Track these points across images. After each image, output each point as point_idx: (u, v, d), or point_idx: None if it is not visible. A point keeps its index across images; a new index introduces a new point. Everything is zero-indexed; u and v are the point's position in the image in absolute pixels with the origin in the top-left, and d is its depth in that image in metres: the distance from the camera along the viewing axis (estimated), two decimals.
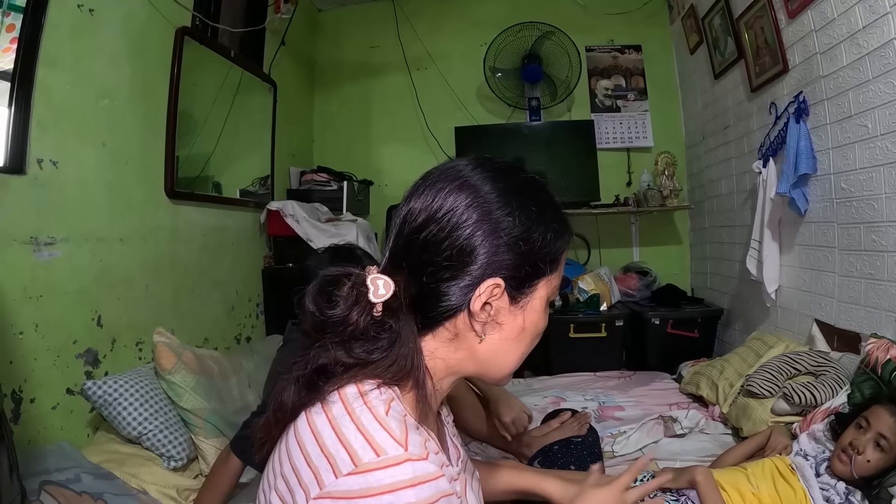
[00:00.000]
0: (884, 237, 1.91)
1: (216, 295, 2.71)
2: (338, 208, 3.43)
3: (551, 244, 0.77)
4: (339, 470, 0.63)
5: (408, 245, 0.75)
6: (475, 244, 0.72)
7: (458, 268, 0.73)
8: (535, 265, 0.76)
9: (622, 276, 3.65)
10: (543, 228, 0.76)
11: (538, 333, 0.82)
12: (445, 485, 0.65)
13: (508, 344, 0.78)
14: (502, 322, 0.76)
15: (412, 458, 0.64)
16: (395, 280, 0.73)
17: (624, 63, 3.99)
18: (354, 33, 4.16)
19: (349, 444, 0.65)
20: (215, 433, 1.85)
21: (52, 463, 1.47)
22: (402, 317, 0.74)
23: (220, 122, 2.83)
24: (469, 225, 0.72)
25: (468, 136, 3.71)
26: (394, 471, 0.62)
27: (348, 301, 0.72)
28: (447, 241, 0.73)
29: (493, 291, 0.73)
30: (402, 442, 0.65)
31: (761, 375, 2.06)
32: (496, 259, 0.73)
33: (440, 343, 0.78)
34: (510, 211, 0.74)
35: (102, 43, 1.98)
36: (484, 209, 0.73)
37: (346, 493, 0.62)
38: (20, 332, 1.62)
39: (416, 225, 0.75)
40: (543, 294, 0.79)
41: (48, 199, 1.74)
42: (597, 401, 2.50)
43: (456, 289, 0.73)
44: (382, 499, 0.61)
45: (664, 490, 1.51)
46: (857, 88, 1.99)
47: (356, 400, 0.70)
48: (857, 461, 1.41)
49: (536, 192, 0.79)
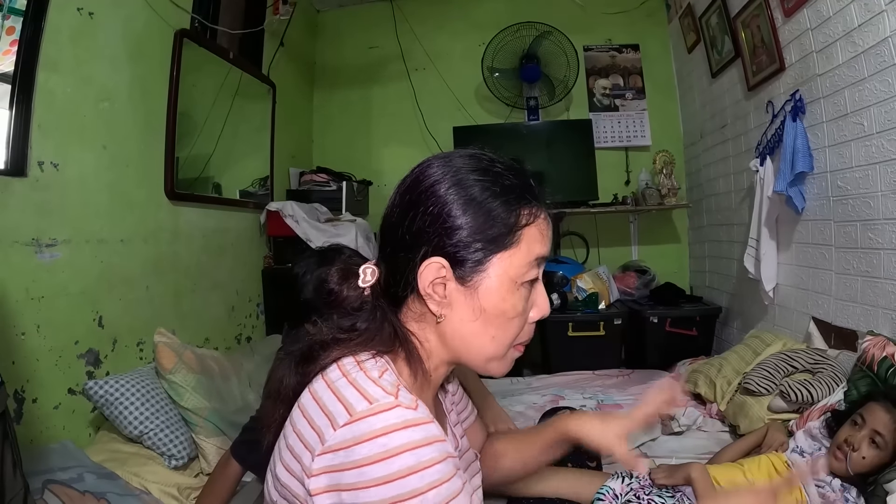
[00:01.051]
0: (880, 235, 1.92)
1: (216, 295, 2.73)
2: (337, 209, 3.44)
3: (501, 219, 0.76)
4: (336, 423, 0.67)
5: (383, 234, 0.83)
6: (423, 225, 0.76)
7: (408, 248, 0.78)
8: (483, 243, 0.76)
9: (621, 274, 3.66)
10: (490, 203, 0.76)
11: (510, 316, 0.79)
12: (436, 430, 0.68)
13: (471, 326, 0.79)
14: (453, 302, 0.78)
15: (402, 404, 0.68)
16: (379, 267, 0.84)
17: (622, 62, 3.99)
18: (353, 34, 4.17)
19: (344, 398, 0.69)
20: (216, 432, 1.86)
21: (55, 462, 1.49)
22: (378, 293, 0.84)
23: (219, 124, 2.84)
24: (417, 207, 0.77)
25: (467, 136, 3.71)
26: (385, 415, 0.66)
27: (338, 282, 0.86)
28: (400, 223, 0.78)
29: (439, 272, 0.76)
30: (394, 394, 0.69)
31: (759, 373, 2.07)
32: (440, 239, 0.76)
33: (412, 322, 0.82)
34: (450, 190, 0.76)
35: (102, 46, 1.99)
36: (430, 191, 0.77)
37: (343, 443, 0.66)
38: (22, 332, 1.63)
39: (385, 212, 0.83)
40: (501, 272, 0.77)
41: (49, 201, 1.75)
42: (595, 399, 2.51)
43: (408, 268, 0.78)
44: (377, 441, 0.64)
45: (660, 487, 1.52)
46: (853, 87, 2.00)
47: (352, 366, 0.75)
48: (852, 458, 1.41)
49: (484, 168, 0.79)
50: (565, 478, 1.49)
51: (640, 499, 1.49)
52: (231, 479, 1.54)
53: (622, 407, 2.41)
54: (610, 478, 1.56)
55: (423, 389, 0.85)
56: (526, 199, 0.79)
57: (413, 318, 0.82)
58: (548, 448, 1.17)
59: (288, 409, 0.79)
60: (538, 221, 0.80)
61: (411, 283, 0.78)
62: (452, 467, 0.67)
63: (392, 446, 0.64)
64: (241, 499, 1.72)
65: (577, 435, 1.07)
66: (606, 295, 3.34)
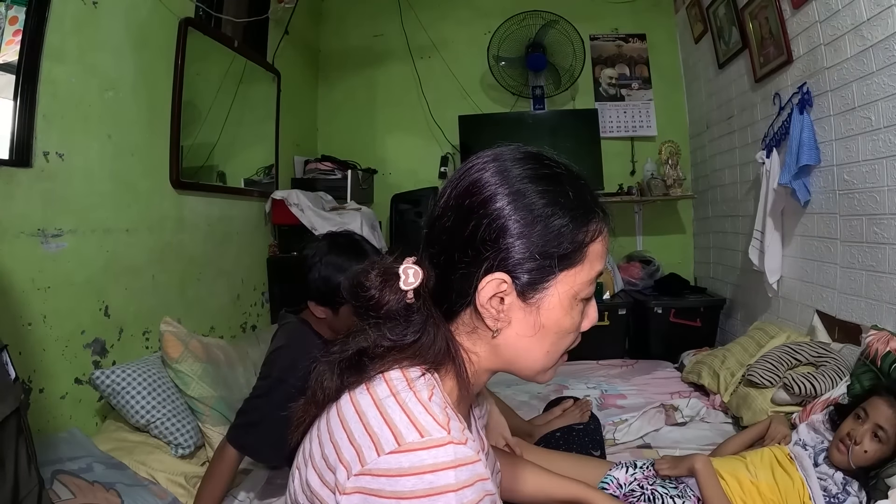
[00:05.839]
0: (885, 230, 1.92)
1: (222, 284, 2.74)
2: (342, 197, 3.44)
3: (567, 237, 0.73)
4: (381, 448, 0.65)
5: (431, 235, 0.77)
6: (485, 237, 0.71)
7: (467, 260, 0.73)
8: (549, 260, 0.72)
9: (625, 264, 3.66)
10: (557, 219, 0.72)
11: (568, 331, 0.78)
12: (482, 469, 0.67)
13: (527, 341, 0.76)
14: (512, 318, 0.75)
15: (454, 441, 0.66)
16: (425, 269, 0.76)
17: (628, 52, 3.97)
18: (358, 22, 4.14)
19: (393, 424, 0.67)
20: (222, 421, 1.87)
21: (64, 452, 1.50)
22: (429, 303, 0.76)
23: (223, 112, 2.83)
24: (477, 218, 0.72)
25: (472, 125, 3.72)
26: (436, 452, 0.64)
27: (378, 286, 0.77)
28: (457, 231, 0.73)
29: (500, 287, 0.72)
30: (445, 426, 0.67)
31: (762, 365, 2.07)
32: (503, 254, 0.72)
33: (464, 335, 0.78)
34: (517, 205, 0.72)
35: (106, 35, 1.98)
36: (490, 200, 0.72)
37: (388, 471, 0.64)
38: (29, 323, 1.64)
39: (436, 213, 0.77)
40: (564, 290, 0.74)
41: (55, 192, 1.75)
42: (599, 389, 2.52)
43: (465, 281, 0.73)
44: (424, 478, 0.63)
45: (664, 478, 1.53)
46: (860, 80, 1.99)
47: (401, 383, 0.72)
48: (854, 451, 1.42)
49: (549, 181, 0.74)
50: (570, 464, 1.50)
51: (643, 489, 1.50)
52: (229, 465, 1.55)
53: (626, 397, 2.42)
54: (614, 467, 1.58)
55: (465, 402, 0.83)
56: (593, 213, 0.75)
57: (465, 331, 0.78)
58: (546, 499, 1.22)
59: (320, 411, 0.77)
60: (603, 236, 0.77)
61: (469, 297, 0.74)
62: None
63: (439, 485, 0.63)
64: (248, 485, 1.74)
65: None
66: (611, 285, 3.35)
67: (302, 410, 0.80)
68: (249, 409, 1.57)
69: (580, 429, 1.84)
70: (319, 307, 1.60)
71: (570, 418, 1.91)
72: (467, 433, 0.69)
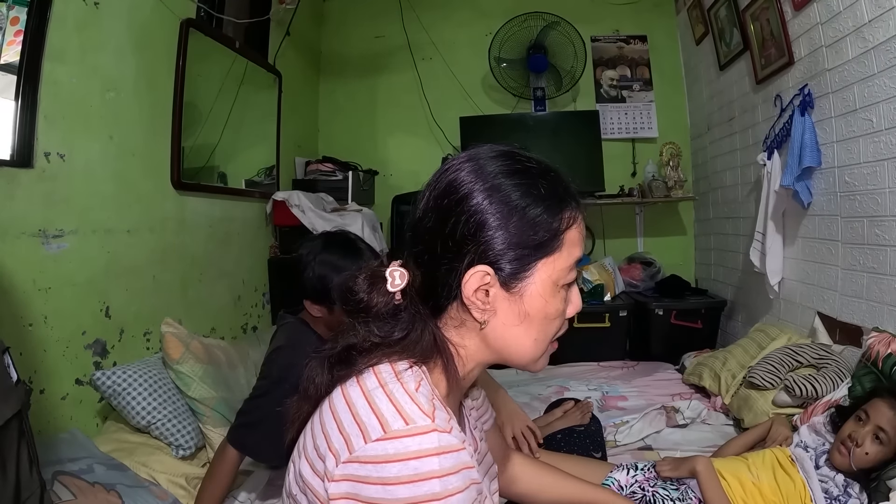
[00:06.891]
0: (887, 232, 1.92)
1: (223, 285, 2.74)
2: (343, 198, 3.44)
3: (543, 226, 0.76)
4: (368, 436, 0.68)
5: (415, 237, 0.80)
6: (465, 233, 0.75)
7: (450, 256, 0.76)
8: (528, 250, 0.76)
9: (626, 266, 3.66)
10: (532, 209, 0.76)
11: (552, 317, 0.81)
12: (467, 457, 0.69)
13: (514, 330, 0.79)
14: (497, 309, 0.78)
15: (438, 428, 0.68)
16: (410, 270, 0.80)
17: (629, 53, 3.97)
18: (359, 23, 4.14)
19: (380, 413, 0.69)
20: (223, 422, 1.87)
21: (64, 453, 1.50)
22: (416, 301, 0.80)
23: (225, 113, 2.83)
24: (456, 215, 0.75)
25: (473, 126, 3.71)
26: (420, 439, 0.66)
27: (366, 289, 0.80)
28: (438, 230, 0.77)
29: (483, 279, 0.76)
30: (430, 414, 0.69)
31: (763, 367, 2.07)
32: (483, 247, 0.75)
33: (452, 330, 0.81)
34: (493, 199, 0.75)
35: (108, 35, 1.98)
36: (467, 198, 0.75)
37: (374, 458, 0.66)
38: (29, 323, 1.64)
39: (418, 215, 0.80)
40: (544, 278, 0.78)
41: (56, 192, 1.75)
42: (600, 390, 2.52)
43: (450, 276, 0.77)
44: (409, 464, 0.65)
45: (665, 479, 1.53)
46: (862, 82, 1.99)
47: (389, 375, 0.75)
48: (855, 453, 1.42)
49: (522, 175, 0.78)
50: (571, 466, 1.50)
51: (644, 490, 1.50)
52: (230, 465, 1.55)
53: (627, 399, 2.42)
54: (615, 469, 1.58)
55: (454, 395, 0.85)
56: (566, 202, 0.79)
57: (453, 325, 0.81)
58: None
59: (314, 407, 0.80)
60: (578, 223, 0.80)
61: (454, 292, 0.77)
62: (475, 493, 0.68)
63: (423, 471, 0.64)
64: (249, 486, 1.73)
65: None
66: (612, 286, 3.34)
67: (296, 407, 0.83)
68: (249, 410, 1.57)
69: (581, 430, 1.84)
70: (315, 305, 1.60)
71: (571, 420, 1.91)
72: (454, 423, 0.72)
